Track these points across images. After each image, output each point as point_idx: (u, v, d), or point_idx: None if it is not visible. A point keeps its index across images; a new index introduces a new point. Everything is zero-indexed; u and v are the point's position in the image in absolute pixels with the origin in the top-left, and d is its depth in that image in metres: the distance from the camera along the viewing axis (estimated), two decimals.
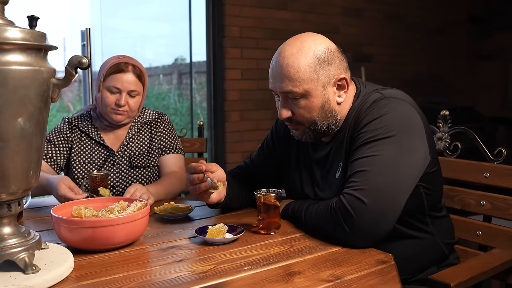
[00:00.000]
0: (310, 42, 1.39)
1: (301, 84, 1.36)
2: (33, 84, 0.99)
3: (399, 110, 1.35)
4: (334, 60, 1.39)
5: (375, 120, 1.33)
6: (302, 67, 1.36)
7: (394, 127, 1.31)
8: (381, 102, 1.37)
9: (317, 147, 1.54)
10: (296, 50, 1.37)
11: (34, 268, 1.03)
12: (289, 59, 1.37)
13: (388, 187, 1.27)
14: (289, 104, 1.42)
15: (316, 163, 1.53)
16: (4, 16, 1.02)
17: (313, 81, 1.37)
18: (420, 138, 1.35)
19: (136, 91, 1.94)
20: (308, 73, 1.36)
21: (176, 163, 2.05)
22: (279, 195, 1.40)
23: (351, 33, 4.78)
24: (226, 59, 4.11)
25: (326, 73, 1.38)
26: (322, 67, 1.37)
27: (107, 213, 1.33)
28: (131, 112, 1.97)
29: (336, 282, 1.08)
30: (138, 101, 1.98)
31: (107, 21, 4.41)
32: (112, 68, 1.92)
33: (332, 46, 1.42)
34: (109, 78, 1.92)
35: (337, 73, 1.40)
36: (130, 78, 1.92)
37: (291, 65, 1.36)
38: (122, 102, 1.90)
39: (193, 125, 4.43)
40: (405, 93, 1.45)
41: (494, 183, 1.68)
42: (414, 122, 1.36)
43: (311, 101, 1.39)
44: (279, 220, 1.41)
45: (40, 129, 1.05)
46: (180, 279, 1.07)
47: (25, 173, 1.04)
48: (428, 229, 1.46)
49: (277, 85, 1.40)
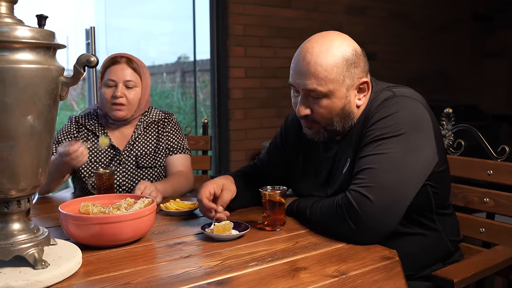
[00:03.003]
0: (339, 42, 1.37)
1: (327, 83, 1.35)
2: (42, 82, 1.01)
3: (409, 108, 1.35)
4: (359, 63, 1.39)
5: (385, 118, 1.33)
6: (330, 67, 1.34)
7: (403, 125, 1.31)
8: (392, 100, 1.37)
9: (327, 145, 1.53)
10: (325, 48, 1.35)
11: (44, 264, 1.05)
12: (317, 57, 1.35)
13: (395, 185, 1.27)
14: (309, 102, 1.40)
15: (326, 161, 1.53)
16: (13, 15, 1.04)
17: (338, 82, 1.36)
18: (429, 138, 1.35)
19: (132, 81, 1.94)
20: (335, 73, 1.35)
21: (183, 163, 2.06)
22: (284, 192, 1.41)
23: (355, 31, 4.74)
24: (230, 58, 4.12)
25: (351, 75, 1.37)
26: (349, 69, 1.36)
27: (115, 209, 1.34)
28: (130, 105, 1.96)
29: (341, 278, 1.09)
30: (137, 95, 1.97)
31: (112, 20, 4.42)
32: (107, 62, 1.96)
33: (358, 49, 1.41)
34: (106, 72, 1.96)
35: (360, 76, 1.39)
36: (125, 69, 1.94)
37: (319, 63, 1.34)
38: (118, 93, 1.91)
39: (197, 123, 4.44)
40: (415, 92, 1.44)
41: (498, 180, 1.68)
42: (423, 121, 1.36)
43: (333, 102, 1.38)
44: (284, 217, 1.42)
45: (49, 127, 1.06)
46: (187, 274, 1.08)
47: (35, 170, 1.05)
48: (435, 226, 1.46)
49: (300, 82, 1.38)
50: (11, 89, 0.97)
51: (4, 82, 0.96)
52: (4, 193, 1.03)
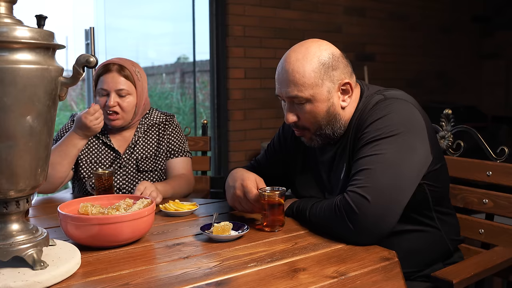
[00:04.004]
0: (315, 48, 1.42)
1: (307, 89, 1.39)
2: (41, 82, 1.01)
3: (401, 110, 1.38)
4: (338, 66, 1.42)
5: (378, 121, 1.36)
6: (307, 73, 1.39)
7: (396, 126, 1.34)
8: (383, 103, 1.40)
9: (323, 149, 1.56)
10: (301, 56, 1.40)
11: (43, 264, 1.04)
12: (294, 65, 1.40)
13: (391, 185, 1.28)
14: (295, 109, 1.45)
15: (323, 165, 1.56)
16: (12, 15, 1.04)
17: (318, 86, 1.40)
18: (421, 137, 1.38)
19: (124, 90, 1.90)
20: (313, 78, 1.39)
21: (184, 166, 2.05)
22: (283, 192, 1.41)
23: (354, 32, 4.79)
24: (229, 58, 4.12)
25: (330, 78, 1.41)
26: (327, 72, 1.40)
27: (114, 210, 1.34)
28: (125, 113, 1.93)
29: (340, 279, 1.09)
30: (132, 102, 1.93)
31: (111, 20, 4.42)
32: (99, 70, 1.93)
33: (336, 52, 1.44)
34: (98, 81, 1.93)
35: (341, 78, 1.43)
36: (116, 77, 1.89)
37: (296, 70, 1.39)
38: (110, 103, 1.88)
39: (196, 123, 4.44)
40: (406, 94, 1.47)
41: (497, 181, 1.69)
42: (415, 121, 1.39)
43: (316, 106, 1.42)
44: (283, 218, 1.42)
45: (48, 127, 1.06)
46: (186, 275, 1.08)
47: (33, 171, 1.05)
48: (434, 224, 1.48)
49: (283, 90, 1.44)
50: (10, 90, 0.97)
51: (3, 82, 0.96)
52: (3, 194, 1.02)
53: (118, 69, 1.91)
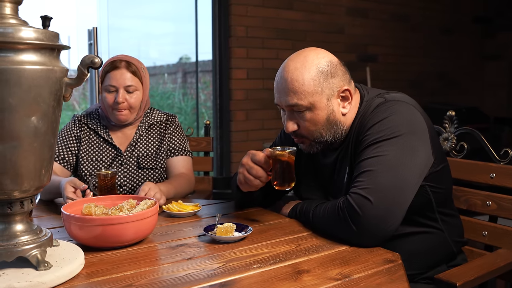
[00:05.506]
0: (313, 57, 1.42)
1: (306, 97, 1.40)
2: (46, 83, 1.01)
3: (402, 112, 1.39)
4: (337, 73, 1.43)
5: (379, 123, 1.37)
6: (306, 81, 1.39)
7: (397, 128, 1.35)
8: (384, 105, 1.41)
9: (326, 153, 1.56)
10: (299, 64, 1.41)
11: (46, 265, 1.05)
12: (293, 74, 1.40)
13: (394, 186, 1.29)
14: (295, 117, 1.45)
15: (325, 169, 1.56)
16: (18, 16, 1.04)
17: (317, 94, 1.40)
18: (423, 139, 1.38)
19: (133, 86, 1.93)
20: (312, 86, 1.39)
21: (185, 165, 2.06)
22: (293, 152, 1.42)
23: (356, 33, 4.79)
24: (231, 59, 4.12)
25: (329, 85, 1.41)
26: (326, 80, 1.41)
27: (117, 211, 1.34)
28: (132, 109, 1.96)
29: (344, 281, 1.09)
30: (139, 98, 1.97)
31: (114, 20, 4.43)
32: (107, 67, 1.95)
33: (334, 60, 1.45)
34: (105, 78, 1.95)
35: (340, 85, 1.43)
36: (124, 74, 1.92)
37: (295, 79, 1.40)
38: (119, 99, 1.91)
39: (198, 124, 4.44)
40: (407, 96, 1.48)
41: (500, 183, 1.69)
42: (417, 123, 1.39)
43: (316, 114, 1.42)
44: (294, 177, 1.42)
45: (53, 128, 1.06)
46: (190, 276, 1.08)
47: (38, 171, 1.05)
48: (438, 225, 1.48)
49: (282, 99, 1.44)
50: (15, 90, 0.97)
51: (9, 83, 0.96)
52: (7, 194, 1.02)
53: (126, 66, 1.94)
